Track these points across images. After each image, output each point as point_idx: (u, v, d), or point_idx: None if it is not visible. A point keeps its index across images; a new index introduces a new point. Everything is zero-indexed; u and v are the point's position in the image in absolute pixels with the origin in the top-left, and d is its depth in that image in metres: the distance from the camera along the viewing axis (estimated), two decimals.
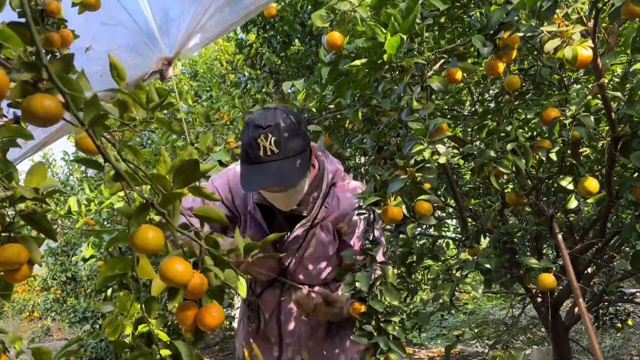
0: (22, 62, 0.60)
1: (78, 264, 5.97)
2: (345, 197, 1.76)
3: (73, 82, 0.62)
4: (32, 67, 0.60)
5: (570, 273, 1.94)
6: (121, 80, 0.78)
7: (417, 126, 1.34)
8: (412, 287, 3.21)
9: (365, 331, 1.34)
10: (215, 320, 0.83)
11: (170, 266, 0.74)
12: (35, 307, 9.53)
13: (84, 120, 0.62)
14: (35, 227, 0.79)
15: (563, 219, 2.87)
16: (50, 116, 0.60)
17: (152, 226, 0.72)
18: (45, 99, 0.60)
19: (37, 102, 0.60)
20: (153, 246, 0.71)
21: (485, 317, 6.71)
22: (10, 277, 0.82)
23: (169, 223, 0.72)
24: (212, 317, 0.83)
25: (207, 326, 0.83)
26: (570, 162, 1.91)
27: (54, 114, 0.60)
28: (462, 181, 3.64)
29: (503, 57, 1.56)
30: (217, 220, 0.82)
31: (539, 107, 1.83)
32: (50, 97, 0.60)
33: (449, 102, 2.96)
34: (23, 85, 0.62)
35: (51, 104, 0.60)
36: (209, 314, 0.82)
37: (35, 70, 0.61)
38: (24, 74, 0.60)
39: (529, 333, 5.12)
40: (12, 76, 0.60)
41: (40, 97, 0.60)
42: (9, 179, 0.77)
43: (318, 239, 1.76)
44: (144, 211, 0.70)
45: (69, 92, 0.60)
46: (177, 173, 0.72)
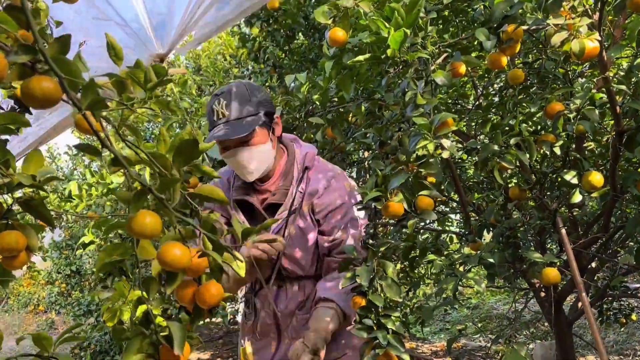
0: (20, 44, 0.60)
1: (82, 257, 5.99)
2: (317, 178, 1.80)
3: (70, 64, 0.62)
4: (29, 49, 0.60)
5: (574, 267, 1.93)
6: (119, 59, 0.77)
7: (422, 121, 1.34)
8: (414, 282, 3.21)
9: (364, 325, 1.34)
10: (214, 298, 0.83)
11: (168, 251, 0.74)
12: (40, 301, 9.59)
13: (81, 104, 0.61)
14: (33, 214, 0.79)
15: (567, 213, 2.86)
16: (49, 98, 0.60)
17: (149, 212, 0.72)
18: (44, 81, 0.60)
19: (35, 84, 0.60)
20: (151, 231, 0.71)
21: (488, 311, 6.71)
22: (8, 264, 0.82)
23: (166, 208, 0.72)
24: (211, 295, 0.83)
25: (206, 303, 0.84)
26: (575, 157, 1.89)
27: (53, 95, 0.60)
28: (466, 175, 3.63)
29: (507, 50, 1.55)
30: (218, 200, 0.83)
31: (543, 101, 1.82)
32: (48, 78, 0.60)
33: (453, 96, 2.95)
34: (21, 68, 0.62)
35: (49, 86, 0.60)
36: (208, 292, 0.83)
37: (33, 52, 0.61)
38: (21, 57, 0.60)
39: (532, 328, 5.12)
40: (9, 59, 0.60)
41: (38, 78, 0.60)
42: (6, 166, 0.77)
43: (297, 225, 1.78)
44: (142, 197, 0.70)
45: (66, 76, 0.60)
46: (177, 152, 0.72)
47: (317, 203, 1.78)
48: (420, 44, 1.48)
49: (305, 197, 1.78)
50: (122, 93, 0.73)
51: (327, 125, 2.27)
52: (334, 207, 1.78)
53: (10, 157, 0.79)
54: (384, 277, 1.33)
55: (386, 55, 1.42)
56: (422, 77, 1.44)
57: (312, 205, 1.78)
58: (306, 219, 1.79)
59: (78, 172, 6.09)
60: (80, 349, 4.93)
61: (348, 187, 1.84)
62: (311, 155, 1.86)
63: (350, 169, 3.95)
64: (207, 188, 0.81)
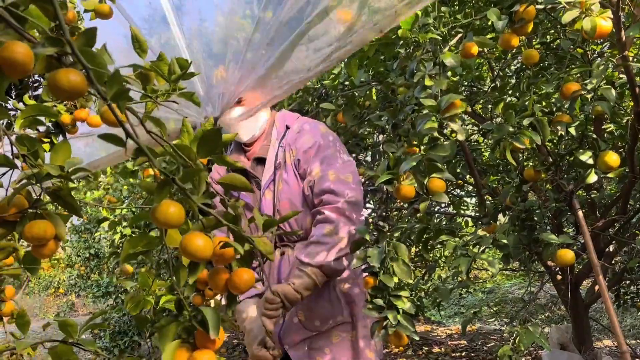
0: (47, 37, 0.62)
1: (101, 241, 6.10)
2: (292, 129, 1.89)
3: (96, 56, 0.63)
4: (56, 41, 0.62)
5: (591, 250, 1.93)
6: (143, 52, 0.79)
7: (429, 102, 1.33)
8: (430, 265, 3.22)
9: (375, 305, 1.36)
10: (246, 283, 0.85)
11: (191, 241, 0.76)
12: (61, 284, 9.80)
13: (106, 94, 0.63)
14: (61, 204, 0.81)
15: (584, 196, 2.84)
16: (76, 90, 0.61)
17: (173, 201, 0.73)
18: (71, 73, 0.61)
19: (63, 76, 0.61)
20: (174, 221, 0.72)
21: (504, 295, 6.71)
22: (37, 253, 0.85)
23: (189, 199, 0.73)
24: (243, 281, 0.85)
25: (239, 289, 0.85)
26: (592, 138, 1.88)
27: (79, 87, 0.61)
28: (481, 159, 3.61)
29: (519, 30, 1.53)
30: (242, 188, 0.84)
31: (559, 81, 1.80)
32: (75, 71, 0.62)
33: (468, 78, 2.92)
34: (48, 60, 0.63)
35: (76, 78, 0.61)
36: (240, 278, 0.85)
37: (59, 44, 0.62)
38: (48, 49, 0.62)
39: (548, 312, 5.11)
40: (36, 51, 0.61)
41: (66, 71, 0.62)
42: (35, 156, 0.79)
43: (283, 179, 1.83)
44: (166, 187, 0.72)
45: (92, 67, 0.61)
46: (201, 143, 0.73)
47: (293, 148, 1.84)
48: (432, 25, 1.47)
49: (286, 150, 1.85)
50: (146, 85, 0.75)
51: (337, 110, 2.28)
52: (307, 146, 1.81)
53: (39, 147, 0.81)
54: (396, 258, 1.35)
55: (397, 35, 1.42)
56: (432, 59, 1.44)
57: (292, 153, 1.84)
58: (289, 172, 1.83)
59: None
60: (100, 329, 5.05)
61: (322, 129, 1.88)
62: (291, 115, 1.98)
63: (365, 153, 3.94)
64: (230, 176, 0.82)
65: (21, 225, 0.79)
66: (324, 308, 1.81)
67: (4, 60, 0.61)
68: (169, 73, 0.77)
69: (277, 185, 1.83)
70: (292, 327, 1.84)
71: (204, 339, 0.85)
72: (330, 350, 1.80)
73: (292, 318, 1.84)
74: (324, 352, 1.79)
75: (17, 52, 0.60)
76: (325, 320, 1.81)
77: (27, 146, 0.76)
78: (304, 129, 1.86)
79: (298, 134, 1.85)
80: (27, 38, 0.62)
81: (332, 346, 1.80)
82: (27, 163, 0.76)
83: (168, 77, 0.75)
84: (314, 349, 1.81)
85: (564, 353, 3.14)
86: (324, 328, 1.81)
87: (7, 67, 0.61)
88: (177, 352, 0.83)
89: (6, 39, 0.63)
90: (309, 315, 1.81)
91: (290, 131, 1.89)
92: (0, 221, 0.79)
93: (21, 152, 0.75)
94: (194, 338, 0.85)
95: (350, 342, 1.82)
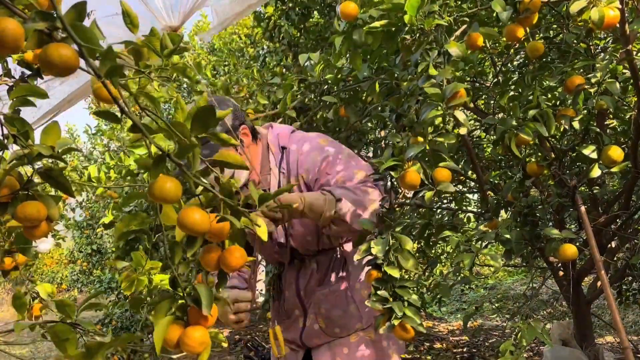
0: (37, 11, 0.61)
1: (103, 237, 6.11)
2: (292, 151, 1.79)
3: (87, 31, 0.62)
4: (47, 16, 0.61)
5: (593, 246, 1.91)
6: (134, 27, 0.78)
7: (433, 91, 1.32)
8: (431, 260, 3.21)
9: (380, 297, 1.35)
10: (238, 261, 0.85)
11: (188, 215, 0.76)
12: (63, 279, 9.83)
13: (99, 70, 0.62)
14: (53, 184, 0.81)
15: (587, 191, 2.82)
16: (67, 65, 0.60)
17: (169, 177, 0.73)
18: (62, 48, 0.60)
19: (54, 51, 0.60)
20: (171, 196, 0.72)
21: (505, 292, 6.70)
22: (29, 234, 0.85)
23: (186, 173, 0.73)
24: (235, 258, 0.85)
25: (231, 267, 0.85)
26: (595, 132, 1.86)
27: (71, 63, 0.60)
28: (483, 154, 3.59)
29: (524, 21, 1.51)
30: (237, 166, 0.83)
31: (563, 75, 1.78)
32: (66, 46, 0.61)
33: (470, 73, 2.90)
34: (39, 35, 0.62)
35: (68, 53, 0.60)
36: (232, 256, 0.85)
37: (50, 19, 0.61)
38: (39, 23, 0.61)
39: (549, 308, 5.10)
40: (27, 26, 0.60)
41: (57, 45, 0.61)
42: (25, 137, 0.79)
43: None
44: (161, 162, 0.71)
45: (84, 43, 0.60)
46: (195, 119, 0.73)
47: (303, 172, 1.76)
48: (438, 12, 1.45)
49: (290, 173, 1.78)
50: (139, 61, 0.74)
51: (340, 104, 2.26)
52: (319, 163, 1.74)
53: (29, 128, 0.80)
54: (400, 249, 1.33)
55: (402, 22, 1.40)
56: (436, 48, 1.42)
57: (301, 177, 1.77)
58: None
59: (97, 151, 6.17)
60: (102, 325, 5.06)
61: (322, 141, 1.81)
62: (284, 134, 1.85)
63: (367, 149, 3.93)
64: (226, 153, 0.81)
65: (13, 207, 0.79)
66: (343, 319, 1.84)
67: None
68: (161, 48, 0.77)
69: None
70: (313, 333, 1.88)
71: (197, 316, 0.85)
72: (349, 349, 1.84)
73: (312, 325, 1.88)
74: (343, 352, 1.84)
75: (8, 28, 0.59)
76: (345, 328, 1.85)
77: (17, 127, 0.75)
78: (304, 151, 1.78)
79: (301, 157, 1.77)
80: (17, 13, 0.61)
81: (351, 344, 1.85)
82: (17, 143, 0.75)
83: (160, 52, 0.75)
84: (336, 352, 1.85)
85: (566, 349, 3.13)
86: (344, 334, 1.85)
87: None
88: (170, 328, 0.82)
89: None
90: (329, 324, 1.86)
91: (291, 153, 1.79)
92: None
93: (11, 132, 0.75)
94: (187, 315, 0.85)
95: (371, 342, 1.86)
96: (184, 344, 0.83)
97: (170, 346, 0.83)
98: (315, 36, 4.08)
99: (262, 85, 2.84)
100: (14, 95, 0.75)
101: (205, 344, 0.84)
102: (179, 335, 0.83)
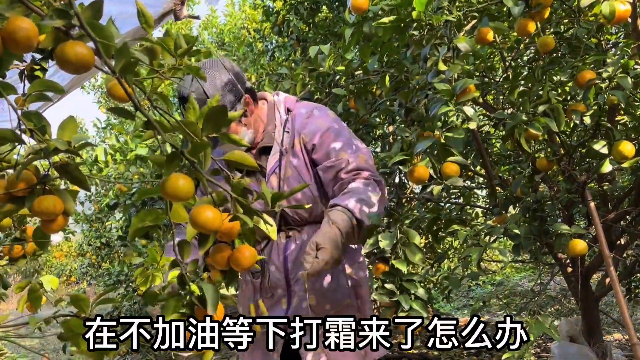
0: (54, 8, 0.62)
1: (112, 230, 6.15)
2: (300, 113, 1.82)
3: (103, 29, 0.63)
4: (64, 14, 0.62)
5: (602, 242, 1.90)
6: (149, 27, 0.78)
7: (443, 87, 1.32)
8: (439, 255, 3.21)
9: (387, 290, 1.35)
10: (248, 261, 0.86)
11: (200, 213, 0.77)
12: (73, 272, 9.92)
13: (114, 67, 0.63)
14: (69, 179, 0.82)
15: (596, 187, 2.81)
16: (83, 63, 0.61)
17: (182, 174, 0.74)
18: (78, 46, 0.61)
19: (70, 48, 0.61)
20: (184, 194, 0.73)
21: (513, 288, 6.68)
22: (46, 228, 0.86)
23: (198, 172, 0.73)
24: (245, 258, 0.86)
25: (241, 266, 0.86)
26: (606, 128, 1.85)
27: (86, 60, 0.61)
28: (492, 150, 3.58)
29: (535, 16, 1.51)
30: (248, 166, 0.84)
31: (574, 70, 1.77)
32: (82, 44, 0.62)
33: (480, 68, 2.89)
34: (55, 33, 0.63)
35: (83, 51, 0.61)
36: (242, 255, 0.86)
37: (67, 17, 0.62)
38: (56, 21, 0.62)
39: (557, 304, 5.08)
40: (44, 23, 0.61)
41: (73, 43, 0.62)
42: (42, 132, 0.80)
43: (291, 164, 1.79)
44: (175, 159, 0.72)
45: (100, 39, 0.61)
46: (207, 119, 0.74)
47: (305, 134, 1.78)
48: (447, 8, 1.45)
49: (294, 135, 1.80)
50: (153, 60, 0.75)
51: (349, 96, 2.26)
52: (322, 131, 1.76)
53: (46, 123, 0.81)
54: (407, 243, 1.33)
55: (411, 18, 1.40)
56: (446, 44, 1.42)
57: (302, 139, 1.79)
58: (299, 157, 1.79)
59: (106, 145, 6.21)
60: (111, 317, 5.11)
61: (331, 114, 1.84)
62: (290, 99, 1.90)
63: (375, 143, 3.93)
64: (238, 154, 0.82)
65: (30, 201, 0.80)
66: (336, 292, 1.80)
67: (8, 35, 0.61)
68: (175, 48, 0.78)
69: (285, 171, 1.79)
70: (300, 313, 1.80)
71: (203, 315, 0.85)
72: None
73: (300, 302, 1.81)
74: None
75: (21, 27, 0.60)
76: (336, 304, 1.79)
77: (35, 121, 0.76)
78: (314, 115, 1.81)
79: (308, 120, 1.80)
80: (34, 10, 0.62)
81: None
82: (34, 138, 0.76)
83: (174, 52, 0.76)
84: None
85: (573, 346, 3.12)
86: (333, 312, 1.79)
87: (10, 42, 0.61)
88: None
89: (12, 14, 0.62)
90: (321, 300, 1.79)
91: (297, 115, 1.83)
92: (9, 197, 0.80)
93: (28, 127, 0.76)
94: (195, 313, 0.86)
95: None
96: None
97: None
98: (324, 31, 4.07)
99: (270, 76, 2.85)
100: (30, 91, 0.76)
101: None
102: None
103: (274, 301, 1.87)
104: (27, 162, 0.78)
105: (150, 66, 0.73)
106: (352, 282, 1.82)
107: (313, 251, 1.49)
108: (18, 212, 0.86)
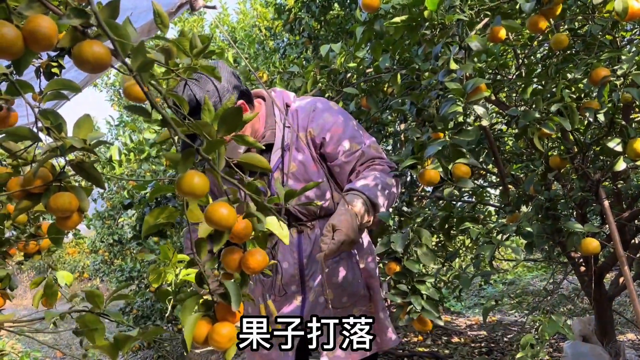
0: (72, 8, 0.62)
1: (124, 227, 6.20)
2: (302, 108, 1.82)
3: (120, 29, 0.64)
4: (82, 13, 0.62)
5: (617, 240, 1.89)
6: (165, 27, 0.79)
7: (454, 86, 1.31)
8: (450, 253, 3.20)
9: (399, 290, 1.36)
10: (259, 264, 0.87)
11: (215, 210, 0.78)
12: (85, 268, 10.02)
13: (131, 66, 0.64)
14: (84, 176, 0.83)
15: (610, 186, 2.78)
16: (100, 62, 0.62)
17: (198, 172, 0.74)
18: (95, 45, 0.62)
19: (87, 48, 0.62)
20: (199, 191, 0.74)
21: (525, 287, 6.64)
22: (62, 224, 0.87)
23: (213, 169, 0.74)
24: (257, 261, 0.87)
25: (252, 269, 0.87)
26: (620, 125, 1.83)
27: (104, 60, 0.62)
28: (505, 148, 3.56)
29: (547, 13, 1.50)
30: (261, 168, 0.85)
31: (588, 67, 1.76)
32: (99, 43, 0.62)
33: (492, 65, 2.87)
34: (73, 32, 0.64)
35: (101, 50, 0.62)
36: (253, 258, 0.86)
37: (84, 16, 0.63)
38: (73, 20, 0.62)
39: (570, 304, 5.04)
40: (62, 22, 0.62)
41: (90, 43, 0.63)
42: (58, 130, 0.81)
43: (296, 160, 1.78)
44: (190, 157, 0.73)
45: (118, 38, 0.62)
46: (222, 120, 0.74)
47: (313, 128, 1.78)
48: (459, 7, 1.44)
49: (299, 130, 1.80)
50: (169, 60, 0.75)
51: (361, 95, 2.26)
52: (330, 124, 1.78)
53: (62, 121, 0.82)
54: (419, 244, 1.34)
55: (423, 17, 1.39)
56: (457, 42, 1.41)
57: (309, 133, 1.79)
58: (304, 152, 1.79)
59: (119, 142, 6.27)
60: (124, 313, 5.15)
61: (334, 106, 1.86)
62: (287, 94, 1.89)
63: (386, 141, 3.92)
64: (251, 156, 0.83)
65: (46, 198, 0.82)
66: (352, 285, 1.81)
67: (29, 33, 0.61)
68: (191, 47, 0.78)
69: (289, 167, 1.79)
70: (317, 308, 1.81)
71: (224, 312, 0.86)
72: None
73: (317, 298, 1.80)
74: None
75: (42, 25, 0.61)
76: (352, 296, 1.81)
77: (51, 119, 0.77)
78: (318, 108, 1.81)
79: (313, 114, 1.80)
80: (52, 10, 0.63)
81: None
82: (50, 136, 0.77)
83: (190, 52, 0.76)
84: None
85: (586, 345, 3.10)
86: (349, 304, 1.82)
87: (31, 40, 0.62)
88: (198, 325, 0.84)
89: (31, 13, 0.63)
90: (339, 293, 1.80)
91: (299, 110, 1.82)
92: (25, 193, 0.81)
93: (45, 125, 0.77)
94: (215, 311, 0.86)
95: (371, 315, 1.84)
96: (212, 339, 0.85)
97: (199, 342, 0.85)
98: (335, 28, 4.07)
99: (282, 74, 2.86)
100: (48, 89, 0.77)
101: (233, 340, 0.86)
102: (207, 331, 0.85)
103: (285, 298, 1.86)
104: (44, 159, 0.79)
105: (166, 66, 0.74)
106: (365, 273, 1.86)
107: (330, 233, 1.53)
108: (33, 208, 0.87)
